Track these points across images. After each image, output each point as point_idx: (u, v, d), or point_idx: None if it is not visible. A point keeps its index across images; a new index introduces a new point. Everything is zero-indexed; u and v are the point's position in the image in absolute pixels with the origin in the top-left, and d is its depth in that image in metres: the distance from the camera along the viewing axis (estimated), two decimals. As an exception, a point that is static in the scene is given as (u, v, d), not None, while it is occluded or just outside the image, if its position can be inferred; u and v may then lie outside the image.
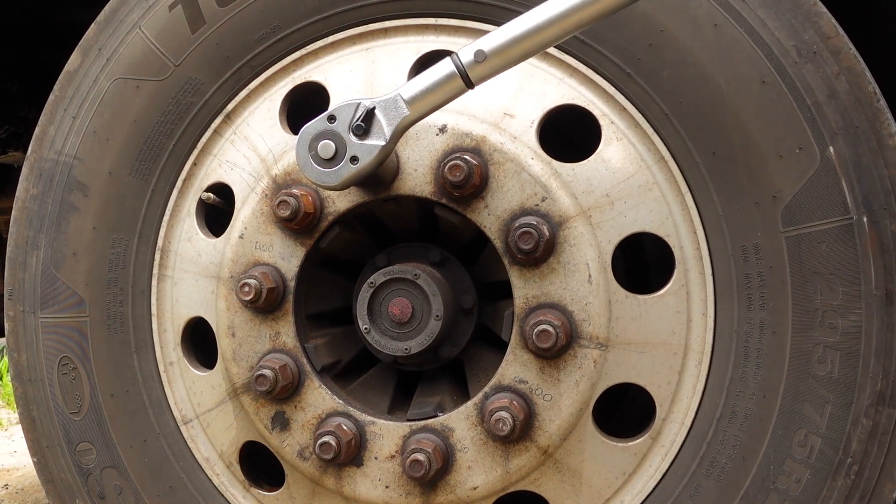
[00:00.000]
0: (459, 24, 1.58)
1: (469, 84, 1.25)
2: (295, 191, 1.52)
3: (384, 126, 1.34)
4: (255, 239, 1.60)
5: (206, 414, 1.69)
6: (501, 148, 1.48)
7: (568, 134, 1.69)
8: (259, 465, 1.74)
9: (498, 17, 1.54)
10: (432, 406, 1.60)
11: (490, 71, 1.30)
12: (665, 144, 1.45)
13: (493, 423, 1.44)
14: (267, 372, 1.54)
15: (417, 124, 1.49)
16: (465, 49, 1.27)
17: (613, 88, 1.48)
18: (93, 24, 1.73)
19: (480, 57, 1.27)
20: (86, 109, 1.72)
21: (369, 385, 1.69)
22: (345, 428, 1.54)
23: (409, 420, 1.58)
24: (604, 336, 1.44)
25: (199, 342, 1.76)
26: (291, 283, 1.58)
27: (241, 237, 1.61)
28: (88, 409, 1.75)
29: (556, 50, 1.51)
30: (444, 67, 1.32)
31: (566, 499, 1.51)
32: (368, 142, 1.35)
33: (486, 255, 1.64)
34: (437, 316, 1.53)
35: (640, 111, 1.46)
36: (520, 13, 1.51)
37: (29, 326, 1.76)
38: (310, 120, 1.39)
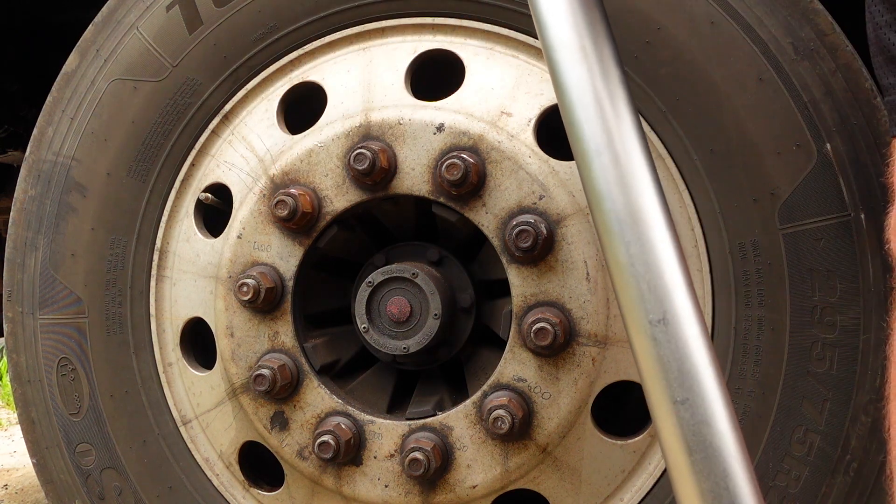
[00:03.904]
0: (457, 24, 1.58)
1: None
2: (293, 190, 1.53)
3: None
4: (254, 239, 1.60)
5: (206, 414, 1.69)
6: (499, 146, 1.48)
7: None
8: (259, 465, 1.74)
9: (495, 16, 1.54)
10: (431, 405, 1.60)
11: None
12: (662, 142, 1.45)
13: (491, 422, 1.44)
14: (265, 372, 1.54)
15: (414, 123, 1.49)
16: None
17: (610, 86, 1.47)
18: (90, 25, 1.73)
19: None
20: (84, 110, 1.72)
21: (368, 384, 1.69)
22: (344, 427, 1.54)
23: (407, 419, 1.58)
24: (602, 334, 1.45)
25: (199, 343, 1.76)
26: (290, 283, 1.58)
27: (239, 237, 1.61)
28: (87, 409, 1.75)
29: (553, 48, 1.51)
30: None
31: (565, 497, 1.51)
32: None
33: (484, 253, 1.64)
34: (436, 315, 1.53)
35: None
36: (517, 12, 1.52)
37: (28, 327, 1.76)
38: (307, 120, 1.38)
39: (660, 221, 0.92)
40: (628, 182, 0.94)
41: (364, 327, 1.57)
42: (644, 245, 0.92)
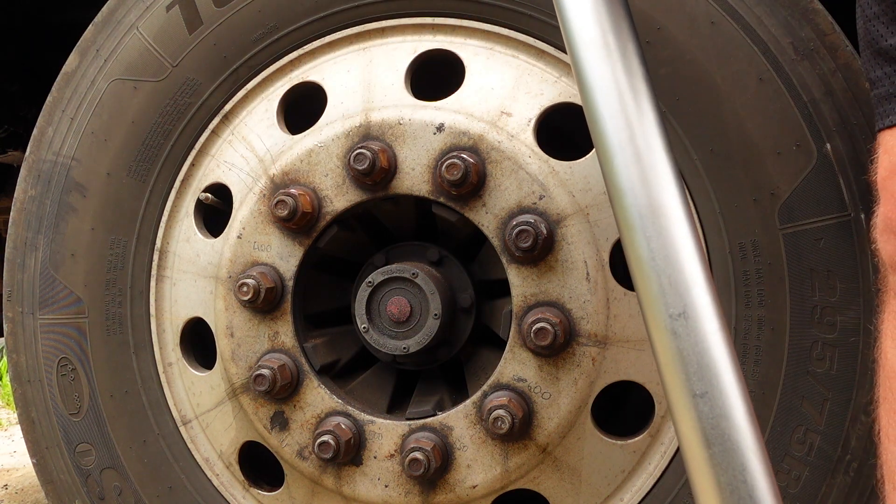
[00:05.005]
0: (456, 24, 1.58)
1: None
2: (293, 190, 1.53)
3: None
4: (254, 239, 1.60)
5: (206, 414, 1.69)
6: (499, 146, 1.48)
7: (567, 132, 1.69)
8: (259, 465, 1.74)
9: (495, 17, 1.54)
10: (431, 405, 1.60)
11: None
12: (662, 142, 1.45)
13: (491, 422, 1.44)
14: (265, 372, 1.54)
15: (414, 123, 1.49)
16: None
17: (610, 86, 1.47)
18: (90, 25, 1.73)
19: None
20: (84, 110, 1.72)
21: (368, 384, 1.69)
22: (344, 427, 1.54)
23: (407, 419, 1.58)
24: (602, 334, 1.45)
25: (199, 343, 1.76)
26: (290, 283, 1.58)
27: (239, 237, 1.61)
28: (88, 410, 1.75)
29: (553, 48, 1.51)
30: None
31: (565, 497, 1.51)
32: None
33: (484, 253, 1.64)
34: (436, 315, 1.53)
35: (637, 109, 1.46)
36: (517, 12, 1.52)
37: (28, 327, 1.76)
38: (307, 120, 1.38)
39: (680, 217, 0.92)
40: (650, 178, 0.94)
41: (364, 327, 1.57)
42: (665, 240, 0.92)
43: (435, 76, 1.61)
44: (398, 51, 1.60)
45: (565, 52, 1.50)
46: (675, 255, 0.91)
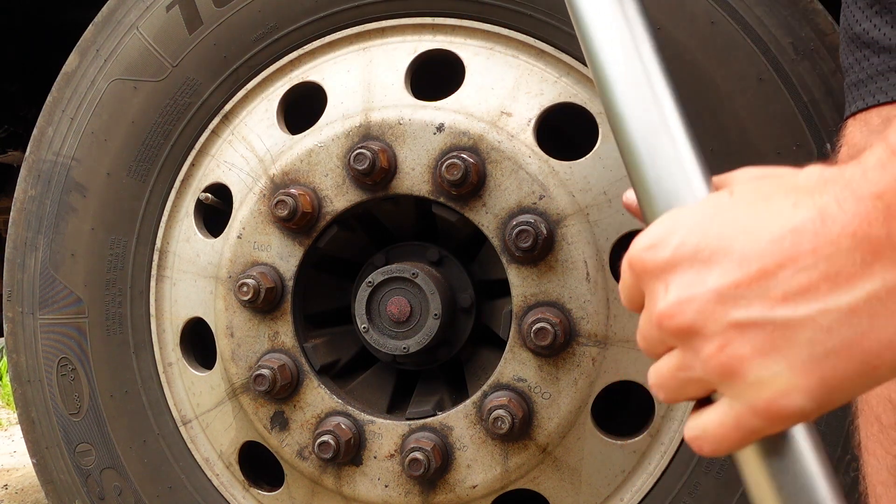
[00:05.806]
0: (456, 24, 1.58)
1: None
2: (293, 190, 1.53)
3: None
4: (254, 239, 1.60)
5: (206, 414, 1.69)
6: (499, 146, 1.48)
7: (568, 132, 1.69)
8: (259, 465, 1.74)
9: (495, 17, 1.54)
10: (431, 405, 1.60)
11: None
12: (662, 142, 1.45)
13: (491, 422, 1.44)
14: (265, 372, 1.54)
15: (414, 123, 1.49)
16: None
17: (610, 86, 1.47)
18: (90, 25, 1.73)
19: None
20: (84, 110, 1.72)
21: (368, 384, 1.69)
22: (344, 427, 1.54)
23: (407, 419, 1.58)
24: (602, 334, 1.45)
25: (199, 343, 1.76)
26: (290, 283, 1.58)
27: (239, 237, 1.61)
28: (87, 410, 1.75)
29: (553, 48, 1.51)
30: None
31: (565, 497, 1.51)
32: None
33: (484, 253, 1.64)
34: (436, 315, 1.53)
35: (637, 109, 1.46)
36: (517, 12, 1.52)
37: (28, 327, 1.76)
38: (307, 120, 1.38)
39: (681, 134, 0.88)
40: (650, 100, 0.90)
41: (364, 327, 1.57)
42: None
43: (435, 76, 1.61)
44: (398, 51, 1.60)
45: (565, 53, 1.50)
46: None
